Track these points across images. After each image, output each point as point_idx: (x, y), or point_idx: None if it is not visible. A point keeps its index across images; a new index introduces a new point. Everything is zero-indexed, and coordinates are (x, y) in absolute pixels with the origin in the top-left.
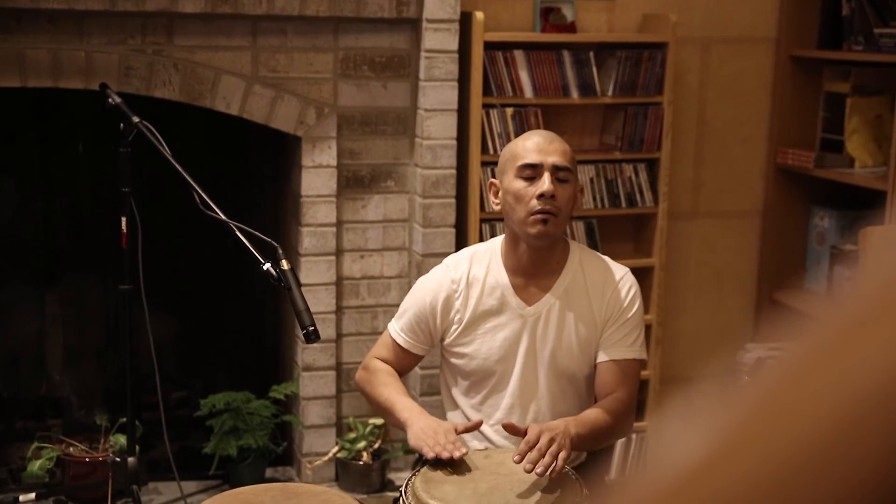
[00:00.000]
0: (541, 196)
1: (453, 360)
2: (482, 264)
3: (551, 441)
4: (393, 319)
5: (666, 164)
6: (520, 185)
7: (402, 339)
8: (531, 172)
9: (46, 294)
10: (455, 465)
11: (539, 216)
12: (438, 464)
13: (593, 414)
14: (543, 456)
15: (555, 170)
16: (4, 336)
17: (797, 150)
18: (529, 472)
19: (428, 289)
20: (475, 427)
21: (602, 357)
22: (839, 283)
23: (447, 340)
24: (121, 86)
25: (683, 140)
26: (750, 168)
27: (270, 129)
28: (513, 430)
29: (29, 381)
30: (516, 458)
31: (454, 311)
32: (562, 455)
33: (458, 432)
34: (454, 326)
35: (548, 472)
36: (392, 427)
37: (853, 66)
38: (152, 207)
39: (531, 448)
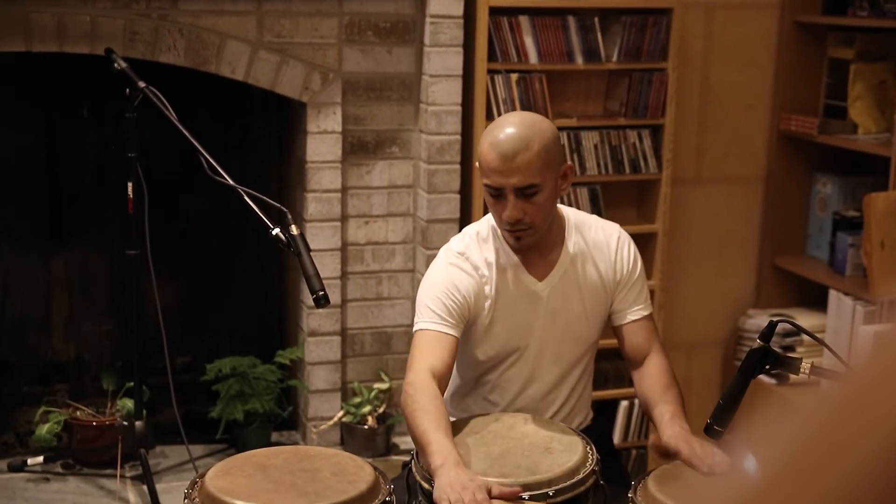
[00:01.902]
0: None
1: (477, 349)
2: (489, 246)
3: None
4: (419, 322)
5: (670, 130)
6: (488, 198)
7: (445, 326)
8: (496, 192)
9: (52, 259)
10: (466, 429)
11: (510, 234)
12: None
13: (670, 393)
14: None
15: (519, 190)
16: (11, 301)
17: (800, 116)
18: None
19: (455, 277)
20: (512, 495)
21: (625, 319)
22: (841, 250)
23: (475, 326)
24: (126, 51)
25: (687, 106)
26: (753, 134)
27: (275, 94)
28: (663, 452)
29: (35, 346)
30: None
31: (484, 297)
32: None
33: (491, 495)
34: (485, 313)
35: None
36: (397, 392)
37: (857, 32)
38: (158, 173)
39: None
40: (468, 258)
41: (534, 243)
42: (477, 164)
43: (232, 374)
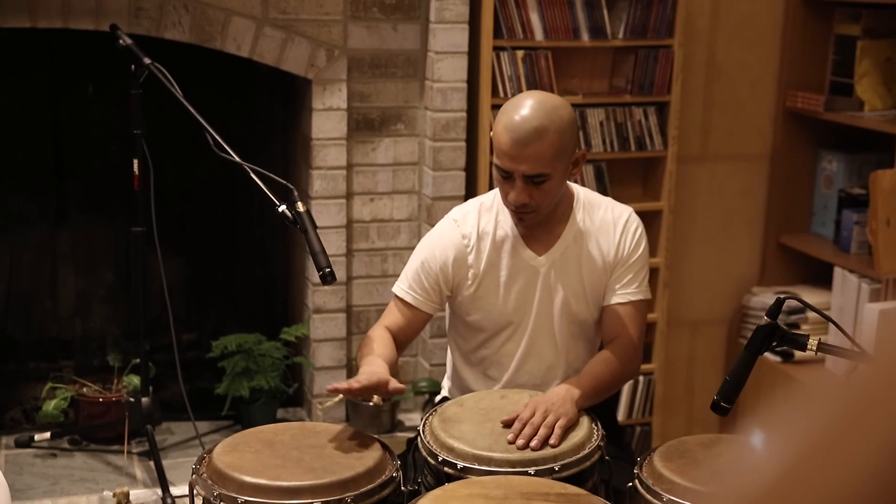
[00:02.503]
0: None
1: (468, 317)
2: (490, 217)
3: (546, 412)
4: (396, 284)
5: (675, 107)
6: (498, 176)
7: (410, 297)
8: (505, 174)
9: (58, 236)
10: (471, 405)
11: (513, 214)
12: (456, 405)
13: (597, 367)
14: (537, 430)
15: (528, 177)
16: (17, 278)
17: (807, 93)
18: (523, 447)
19: (437, 244)
20: (399, 392)
21: (609, 300)
22: (846, 228)
23: (460, 296)
24: (131, 27)
25: (693, 83)
26: (759, 111)
27: (280, 71)
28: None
29: (41, 323)
30: (510, 437)
31: (466, 266)
32: (559, 424)
33: (389, 387)
34: (468, 282)
35: (547, 443)
36: (401, 369)
37: (864, 9)
38: (164, 150)
39: (524, 424)
40: (460, 226)
41: (532, 225)
42: (491, 136)
43: (237, 350)
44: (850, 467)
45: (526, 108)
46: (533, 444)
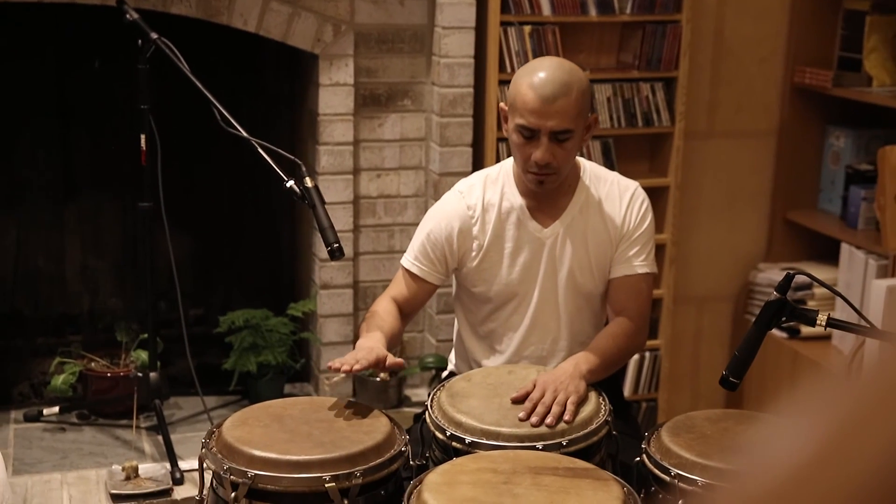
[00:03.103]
0: (536, 162)
1: (473, 289)
2: (496, 189)
3: (556, 392)
4: (404, 256)
5: (683, 83)
6: (518, 139)
7: (416, 268)
8: (528, 133)
9: (66, 212)
10: (479, 380)
11: (534, 177)
12: (464, 380)
13: (604, 341)
14: (549, 408)
15: (553, 134)
16: (24, 253)
17: (815, 68)
18: (537, 425)
19: (442, 215)
20: (398, 366)
21: (615, 273)
22: (854, 204)
23: (465, 268)
24: (137, 2)
25: (701, 59)
26: (767, 87)
27: (286, 46)
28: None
29: (49, 298)
30: (521, 415)
31: (471, 237)
32: (571, 400)
33: (387, 363)
34: (473, 253)
35: (560, 421)
36: (408, 344)
37: None
38: (171, 125)
39: (535, 403)
40: (465, 197)
41: (551, 189)
42: (504, 105)
43: (245, 326)
44: (860, 463)
45: (546, 68)
46: (548, 421)
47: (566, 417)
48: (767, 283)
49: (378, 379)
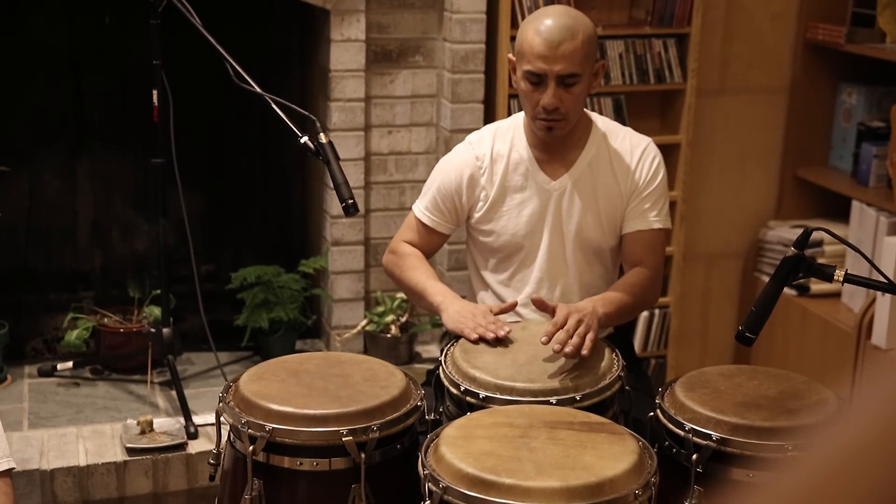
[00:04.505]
0: (544, 107)
1: (481, 238)
2: (505, 140)
3: (579, 322)
4: (417, 200)
5: (696, 39)
6: (526, 86)
7: (427, 219)
8: (536, 79)
9: (77, 168)
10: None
11: (543, 123)
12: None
13: (619, 291)
14: (571, 337)
15: (560, 78)
16: (36, 209)
17: (828, 24)
18: (558, 352)
19: (452, 166)
20: (510, 308)
21: (629, 228)
22: (865, 161)
23: (474, 218)
24: None
25: (713, 15)
26: (779, 43)
27: (297, 2)
28: (541, 306)
29: (60, 254)
30: (544, 339)
31: (479, 187)
32: (589, 336)
33: (494, 314)
34: (480, 203)
35: (577, 353)
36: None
37: None
38: (183, 81)
39: (559, 329)
40: (474, 148)
41: (560, 139)
42: (512, 56)
43: (257, 282)
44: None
45: (552, 14)
46: (568, 350)
47: (584, 351)
48: (777, 240)
49: (389, 335)
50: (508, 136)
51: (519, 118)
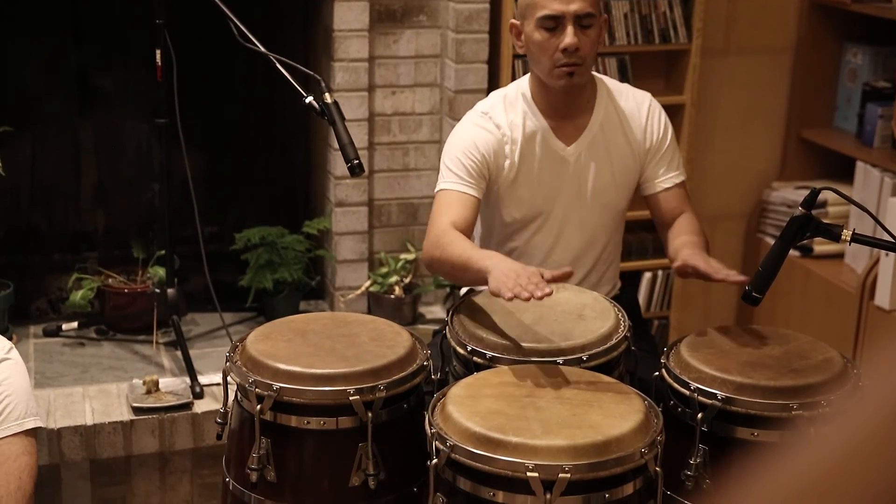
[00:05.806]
0: (564, 50)
1: (503, 210)
2: (516, 110)
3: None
4: (440, 183)
5: None
6: (542, 36)
7: (465, 186)
8: (553, 24)
9: (81, 128)
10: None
11: (564, 69)
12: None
13: (697, 235)
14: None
15: (577, 19)
16: (39, 170)
17: None
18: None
19: (476, 133)
20: (565, 276)
21: (657, 188)
22: (870, 122)
23: (497, 186)
24: None
25: None
26: (784, 3)
27: None
28: (692, 270)
29: (64, 215)
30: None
31: (504, 156)
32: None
33: (546, 279)
34: (504, 172)
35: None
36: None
37: None
38: (186, 40)
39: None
40: (491, 117)
41: (572, 98)
42: (515, 20)
43: (261, 243)
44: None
45: None
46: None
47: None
48: (781, 201)
49: (393, 296)
50: (518, 105)
51: (524, 85)
